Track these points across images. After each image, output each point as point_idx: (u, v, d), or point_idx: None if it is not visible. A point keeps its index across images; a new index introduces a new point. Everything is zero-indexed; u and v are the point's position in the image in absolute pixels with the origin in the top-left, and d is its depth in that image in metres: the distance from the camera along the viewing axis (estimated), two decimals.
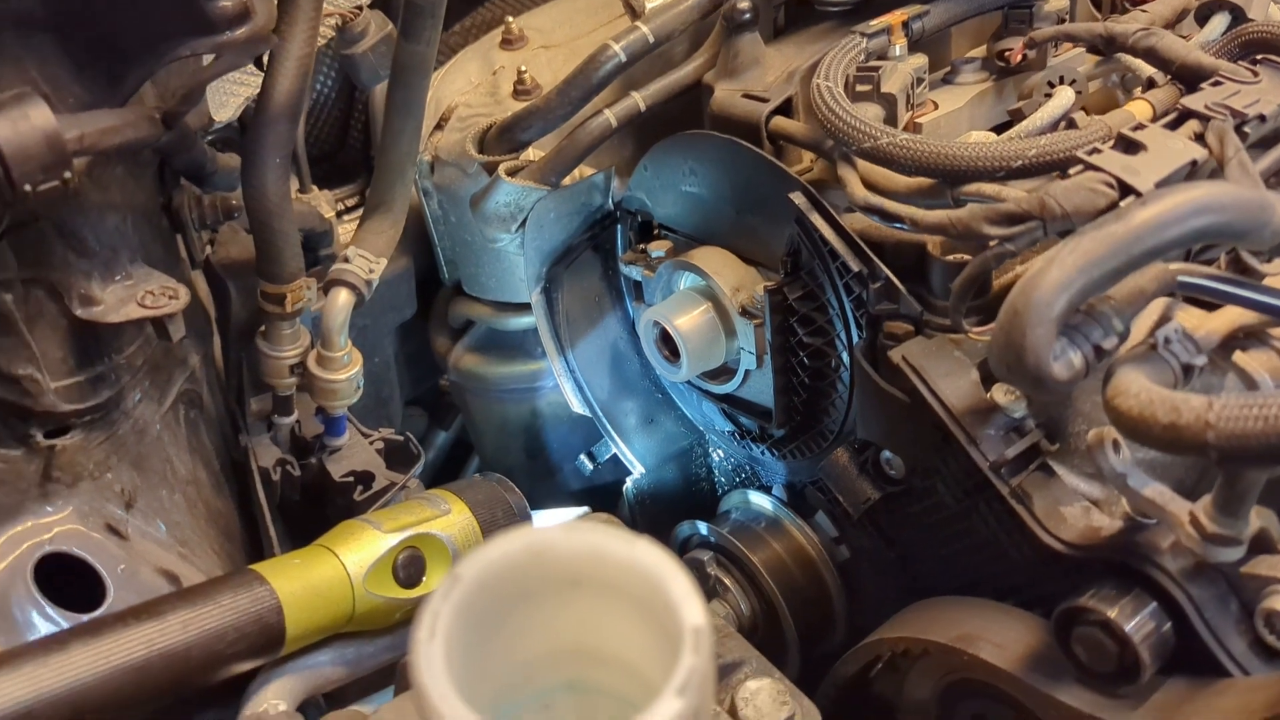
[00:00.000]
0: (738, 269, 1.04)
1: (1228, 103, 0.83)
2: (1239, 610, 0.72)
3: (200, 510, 0.96)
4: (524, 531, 0.51)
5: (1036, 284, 0.64)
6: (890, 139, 0.85)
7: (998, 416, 0.83)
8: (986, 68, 1.09)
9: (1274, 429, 0.58)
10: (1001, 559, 0.86)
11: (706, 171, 1.04)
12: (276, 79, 0.87)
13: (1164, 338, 0.70)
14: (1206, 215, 0.64)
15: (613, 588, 0.52)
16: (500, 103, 1.18)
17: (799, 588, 1.09)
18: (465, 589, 0.49)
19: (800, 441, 1.07)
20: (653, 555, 0.50)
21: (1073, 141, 0.81)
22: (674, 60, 1.15)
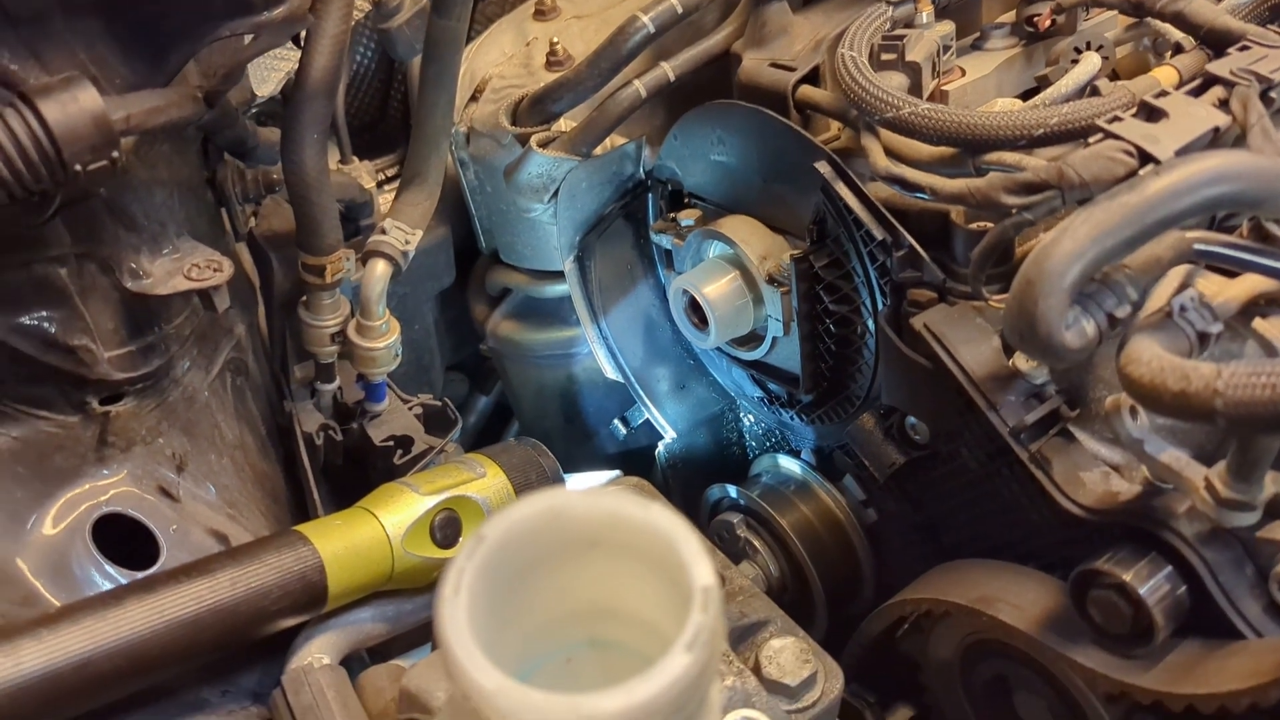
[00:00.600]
0: (765, 237, 1.06)
1: (1254, 68, 0.83)
2: (1254, 574, 0.74)
3: (247, 473, 1.00)
4: (544, 495, 0.54)
5: (1049, 254, 0.65)
6: (912, 109, 0.86)
7: (1018, 383, 0.84)
8: (1015, 33, 1.08)
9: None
10: (1023, 523, 0.87)
11: (734, 141, 1.05)
12: (313, 57, 0.90)
13: (1179, 305, 0.71)
14: (1220, 184, 0.65)
15: (629, 549, 0.54)
16: (533, 74, 1.20)
17: (826, 550, 1.12)
18: (488, 549, 0.52)
19: (827, 407, 1.08)
20: (666, 518, 0.53)
21: (1095, 109, 0.81)
22: (704, 29, 1.16)
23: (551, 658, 0.60)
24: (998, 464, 0.87)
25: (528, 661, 0.59)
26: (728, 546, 1.17)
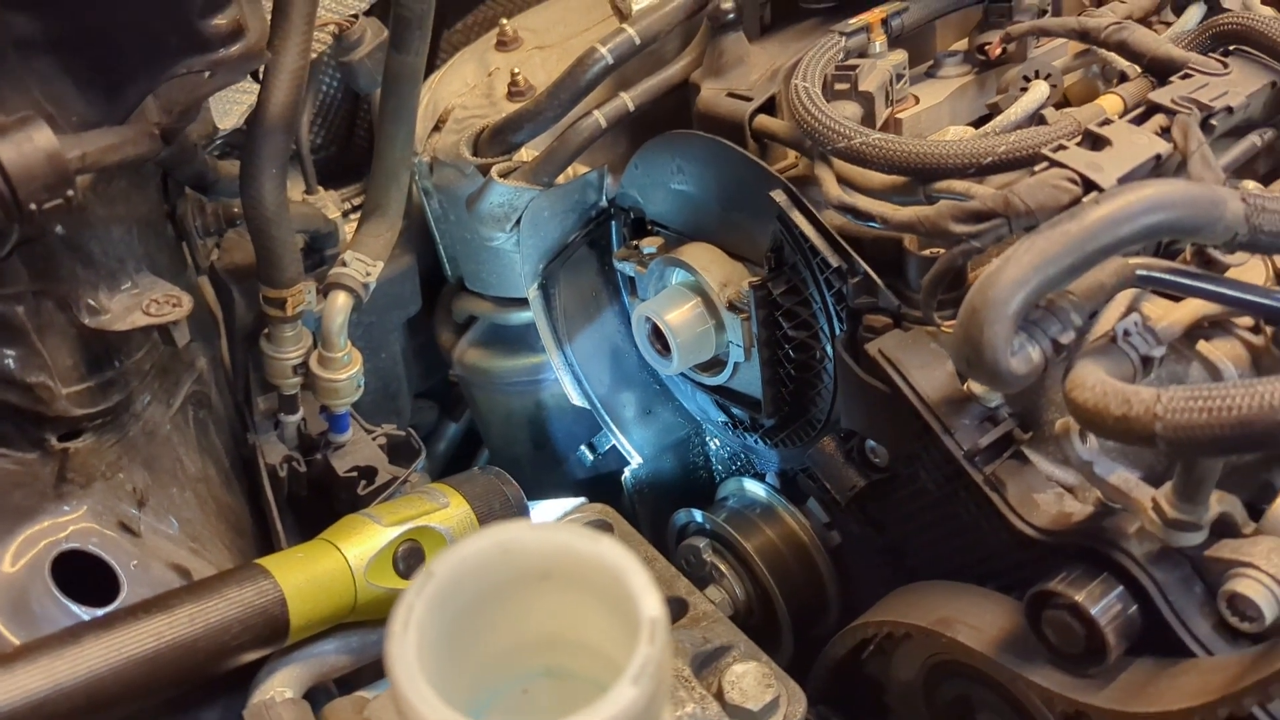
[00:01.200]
0: (725, 265, 1.07)
1: (1194, 96, 0.85)
2: (1203, 593, 0.75)
3: (210, 507, 1.00)
4: (494, 530, 0.55)
5: (993, 282, 0.66)
6: (863, 139, 0.87)
7: (972, 406, 0.86)
8: (968, 61, 1.10)
9: (1217, 420, 0.60)
10: (981, 544, 0.88)
11: (693, 169, 1.07)
12: (271, 92, 0.90)
13: (1124, 330, 0.72)
14: (1158, 212, 0.66)
15: (579, 581, 0.55)
16: (495, 104, 1.21)
17: (791, 573, 1.13)
18: (438, 585, 0.53)
19: (789, 431, 1.09)
20: (614, 551, 0.53)
21: (1041, 138, 0.83)
22: (664, 59, 1.17)
23: (508, 688, 0.61)
24: (955, 486, 0.88)
25: (484, 692, 0.59)
26: (695, 571, 1.17)
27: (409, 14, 0.96)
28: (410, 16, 0.96)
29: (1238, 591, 0.72)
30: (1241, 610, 0.72)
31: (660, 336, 1.10)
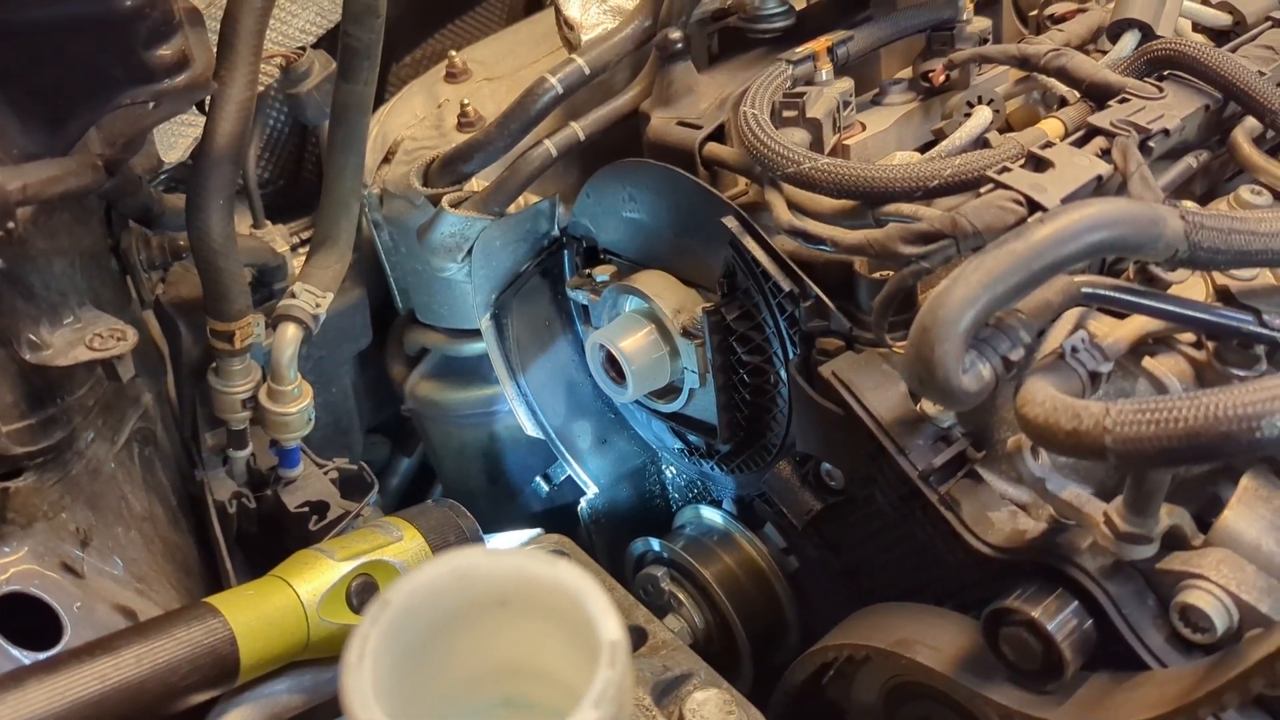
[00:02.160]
0: (678, 291, 1.07)
1: (1132, 119, 0.87)
2: (1156, 605, 0.76)
3: (157, 546, 0.98)
4: (450, 557, 0.54)
5: (943, 301, 0.67)
6: (812, 164, 0.88)
7: (926, 426, 0.86)
8: (913, 88, 1.12)
9: (1165, 432, 0.61)
10: (938, 564, 0.89)
11: (645, 198, 1.07)
12: (217, 123, 0.90)
13: (1071, 347, 0.73)
14: (1101, 230, 0.67)
15: (537, 607, 0.54)
16: (445, 135, 1.21)
17: (750, 599, 1.12)
18: (393, 614, 0.52)
19: (745, 456, 1.09)
20: (572, 575, 0.53)
21: (985, 161, 0.84)
22: (614, 89, 1.18)
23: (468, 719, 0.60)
24: (910, 507, 0.88)
25: None
26: (653, 600, 1.16)
27: (357, 43, 0.96)
28: (358, 46, 0.96)
29: (1189, 603, 0.73)
30: (1193, 622, 0.73)
31: (614, 364, 1.10)
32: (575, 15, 1.19)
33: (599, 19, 1.19)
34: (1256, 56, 0.98)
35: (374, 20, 0.96)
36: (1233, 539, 0.75)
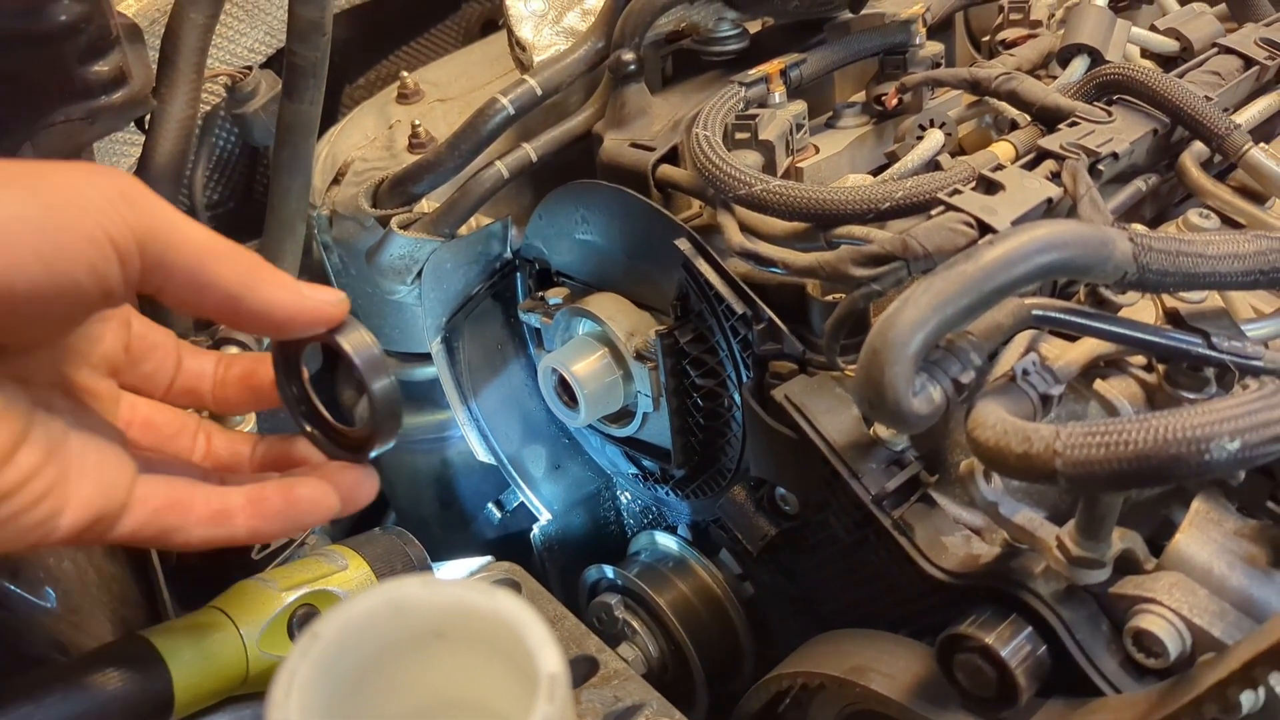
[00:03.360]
0: (632, 314, 1.06)
1: (1082, 142, 0.87)
2: (1109, 630, 0.75)
3: (91, 576, 0.94)
4: (384, 586, 0.52)
5: (892, 323, 0.66)
6: (764, 186, 0.87)
7: (879, 450, 0.85)
8: (866, 111, 1.12)
9: (1115, 455, 0.60)
10: (893, 589, 0.88)
11: (598, 219, 1.06)
12: (158, 141, 0.88)
13: (1022, 370, 0.73)
14: (1050, 252, 0.67)
15: (475, 638, 0.52)
16: (396, 156, 1.19)
17: (705, 627, 1.11)
18: (324, 646, 0.50)
19: (700, 481, 1.08)
20: (511, 605, 0.51)
21: (936, 183, 0.84)
22: (568, 110, 1.17)
23: None
24: (864, 531, 0.87)
25: None
26: (607, 628, 1.14)
27: (302, 62, 0.95)
28: (303, 65, 0.95)
29: (1142, 628, 0.72)
30: (1147, 646, 0.72)
31: (567, 388, 1.08)
32: (528, 37, 1.18)
33: (552, 40, 1.18)
34: (1203, 82, 0.98)
35: (319, 38, 0.94)
36: (1185, 562, 0.74)
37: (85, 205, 0.52)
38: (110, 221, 0.53)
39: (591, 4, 1.22)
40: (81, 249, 0.52)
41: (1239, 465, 0.61)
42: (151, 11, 1.07)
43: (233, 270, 0.59)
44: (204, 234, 0.58)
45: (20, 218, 0.49)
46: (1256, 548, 0.74)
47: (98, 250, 0.52)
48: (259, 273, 0.61)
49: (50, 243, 0.50)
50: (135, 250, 0.54)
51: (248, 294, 0.60)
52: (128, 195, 0.54)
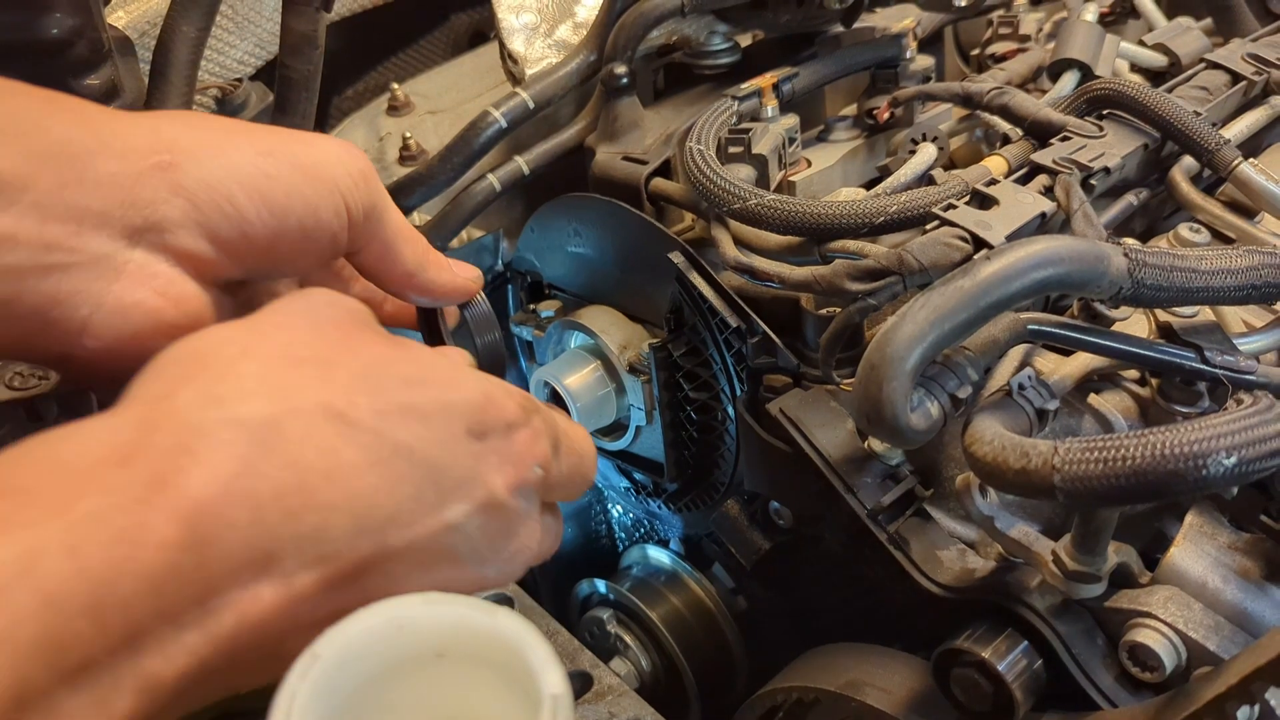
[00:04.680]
0: (625, 327, 1.06)
1: (1074, 157, 0.88)
2: (1105, 644, 0.75)
3: None
4: (384, 605, 0.51)
5: (890, 339, 0.66)
6: (758, 200, 0.88)
7: (874, 464, 0.86)
8: (857, 125, 1.13)
9: (1112, 470, 0.61)
10: (887, 603, 0.88)
11: (590, 233, 1.06)
12: None
13: (1018, 384, 0.73)
14: (1046, 268, 0.67)
15: (477, 657, 0.52)
16: (386, 169, 1.19)
17: (697, 641, 1.10)
18: (324, 668, 0.49)
19: (693, 494, 1.08)
20: (513, 624, 0.51)
21: (930, 197, 0.84)
22: (560, 123, 1.17)
23: None
24: (859, 546, 0.87)
25: None
26: (599, 643, 1.14)
27: (294, 75, 0.94)
28: (295, 78, 0.94)
29: (1138, 642, 0.72)
30: (1142, 660, 0.72)
31: (559, 401, 1.08)
32: (520, 49, 1.18)
33: (544, 53, 1.18)
34: (1192, 97, 0.99)
35: (312, 52, 0.94)
36: (1179, 576, 0.74)
37: (337, 182, 0.66)
38: (348, 194, 0.67)
39: (583, 17, 1.22)
40: (330, 216, 0.66)
41: (1235, 481, 0.61)
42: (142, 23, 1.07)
43: (412, 251, 0.74)
44: (400, 219, 0.73)
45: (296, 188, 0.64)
46: (1250, 561, 0.75)
47: (338, 215, 0.67)
48: (428, 255, 0.76)
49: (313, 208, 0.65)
50: (360, 218, 0.68)
51: (420, 271, 0.75)
52: (365, 175, 0.68)
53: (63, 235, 0.58)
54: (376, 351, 0.61)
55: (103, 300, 0.60)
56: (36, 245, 0.57)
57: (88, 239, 0.59)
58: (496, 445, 0.63)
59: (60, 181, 0.58)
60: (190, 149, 0.62)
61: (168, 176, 0.61)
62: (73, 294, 0.59)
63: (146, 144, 0.61)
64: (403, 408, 0.59)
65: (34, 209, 0.57)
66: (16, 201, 0.56)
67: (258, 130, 0.66)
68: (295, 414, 0.55)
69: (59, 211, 0.58)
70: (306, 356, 0.58)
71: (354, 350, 0.61)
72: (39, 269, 0.58)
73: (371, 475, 0.56)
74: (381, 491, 0.57)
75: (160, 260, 0.62)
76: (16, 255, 0.57)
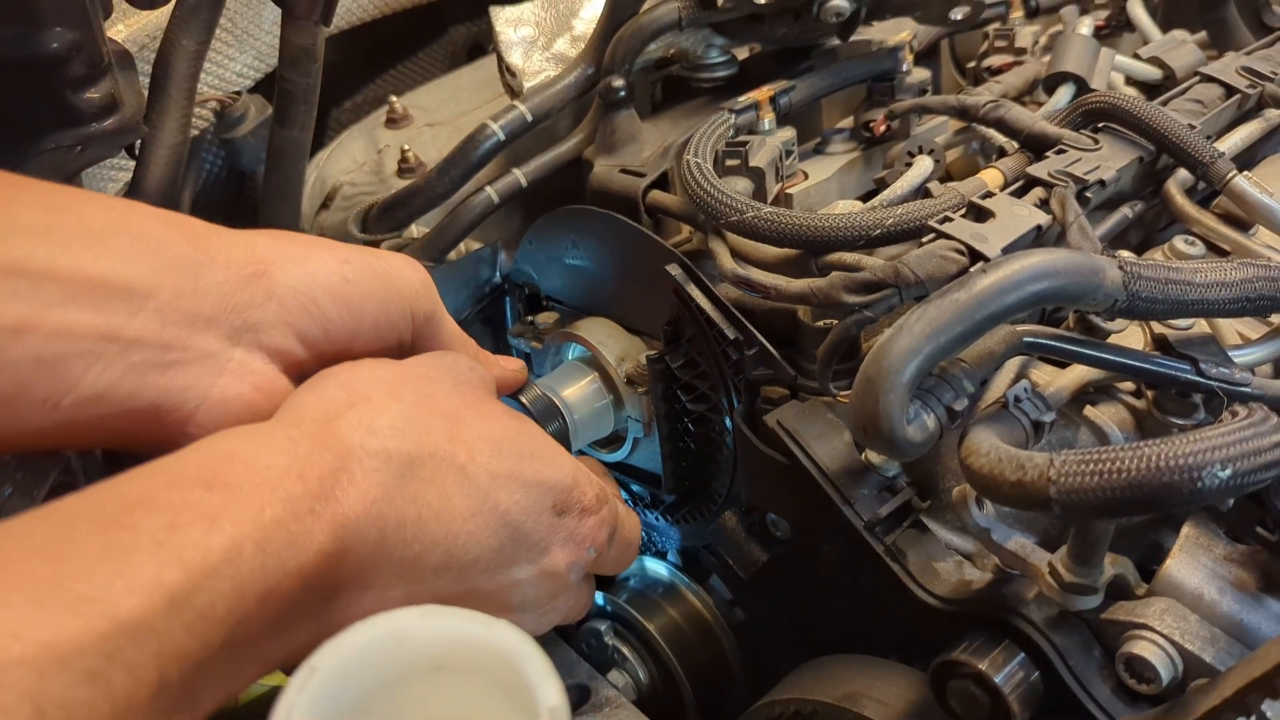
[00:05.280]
0: (622, 339, 1.06)
1: (1070, 170, 0.88)
2: (1101, 656, 0.75)
3: None
4: (382, 617, 0.52)
5: (886, 351, 0.66)
6: (755, 213, 0.88)
7: (871, 476, 0.86)
8: (854, 138, 1.13)
9: (1108, 483, 0.61)
10: (885, 615, 0.88)
11: (588, 245, 1.06)
12: (148, 168, 0.87)
13: (1014, 396, 0.73)
14: (1042, 281, 0.67)
15: (474, 670, 0.52)
16: (384, 181, 1.19)
17: (696, 653, 1.10)
18: (322, 681, 0.49)
19: (691, 506, 1.08)
20: (511, 636, 0.51)
21: (927, 210, 0.85)
22: (558, 135, 1.17)
23: None
24: (856, 557, 0.87)
25: None
26: (596, 655, 1.14)
27: (293, 88, 0.95)
28: (295, 91, 0.95)
29: (1134, 653, 0.72)
30: (1139, 672, 0.72)
31: None
32: (518, 62, 1.19)
33: (541, 66, 1.19)
34: (1186, 110, 1.00)
35: (311, 65, 0.94)
36: (1175, 587, 0.75)
37: (404, 290, 0.76)
38: (413, 300, 0.77)
39: (581, 30, 1.22)
40: (398, 318, 0.76)
41: (1231, 493, 0.61)
42: (142, 37, 1.07)
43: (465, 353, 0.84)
44: (453, 325, 0.84)
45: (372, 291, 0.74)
46: (1246, 573, 0.75)
47: (404, 317, 0.76)
48: (479, 357, 0.86)
49: (385, 310, 0.75)
50: (422, 322, 0.79)
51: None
52: (427, 284, 0.79)
53: (178, 336, 0.66)
54: (500, 421, 0.74)
55: (208, 393, 0.67)
56: (157, 345, 0.65)
57: (198, 339, 0.67)
58: (569, 524, 0.76)
59: (178, 291, 0.65)
60: (280, 259, 0.70)
61: (262, 284, 0.69)
62: (184, 388, 0.66)
63: (244, 256, 0.69)
64: (510, 475, 0.71)
65: (157, 314, 0.64)
66: (143, 308, 0.64)
67: (338, 244, 0.75)
68: (429, 457, 0.67)
69: (176, 316, 0.65)
70: (445, 410, 0.70)
71: (481, 414, 0.73)
72: (158, 365, 0.65)
73: (471, 523, 0.68)
74: (474, 539, 0.68)
75: (257, 358, 0.69)
76: (141, 354, 0.64)
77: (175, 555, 0.51)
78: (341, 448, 0.63)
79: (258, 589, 0.54)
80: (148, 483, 0.56)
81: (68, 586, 0.47)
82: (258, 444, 0.60)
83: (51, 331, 0.60)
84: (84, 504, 0.53)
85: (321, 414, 0.65)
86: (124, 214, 0.66)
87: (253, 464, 0.58)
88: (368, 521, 0.62)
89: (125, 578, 0.49)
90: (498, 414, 0.75)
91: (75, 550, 0.49)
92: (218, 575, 0.52)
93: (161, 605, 0.49)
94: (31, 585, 0.47)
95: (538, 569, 0.74)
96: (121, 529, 0.51)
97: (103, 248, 0.63)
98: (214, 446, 0.60)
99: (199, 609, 0.51)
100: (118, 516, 0.52)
